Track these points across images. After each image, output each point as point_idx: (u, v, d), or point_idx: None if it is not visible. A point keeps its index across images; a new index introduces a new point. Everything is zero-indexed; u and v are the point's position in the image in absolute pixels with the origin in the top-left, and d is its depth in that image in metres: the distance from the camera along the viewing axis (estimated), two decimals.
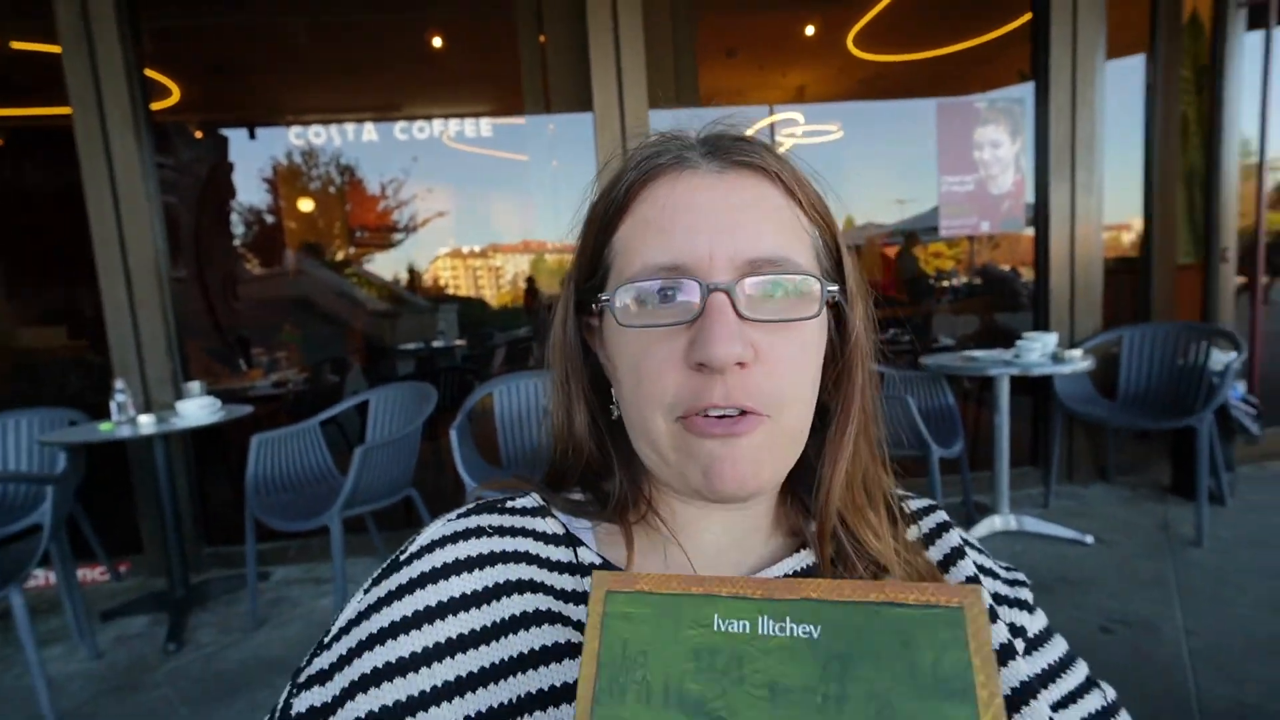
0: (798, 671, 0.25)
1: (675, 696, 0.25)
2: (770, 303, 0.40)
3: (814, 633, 0.25)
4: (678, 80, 3.24)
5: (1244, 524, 2.74)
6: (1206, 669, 1.85)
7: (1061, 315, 3.22)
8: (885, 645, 0.25)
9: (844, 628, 0.25)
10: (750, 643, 0.26)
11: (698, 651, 0.26)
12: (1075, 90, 3.10)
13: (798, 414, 0.42)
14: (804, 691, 0.25)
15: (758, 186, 0.42)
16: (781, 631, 0.26)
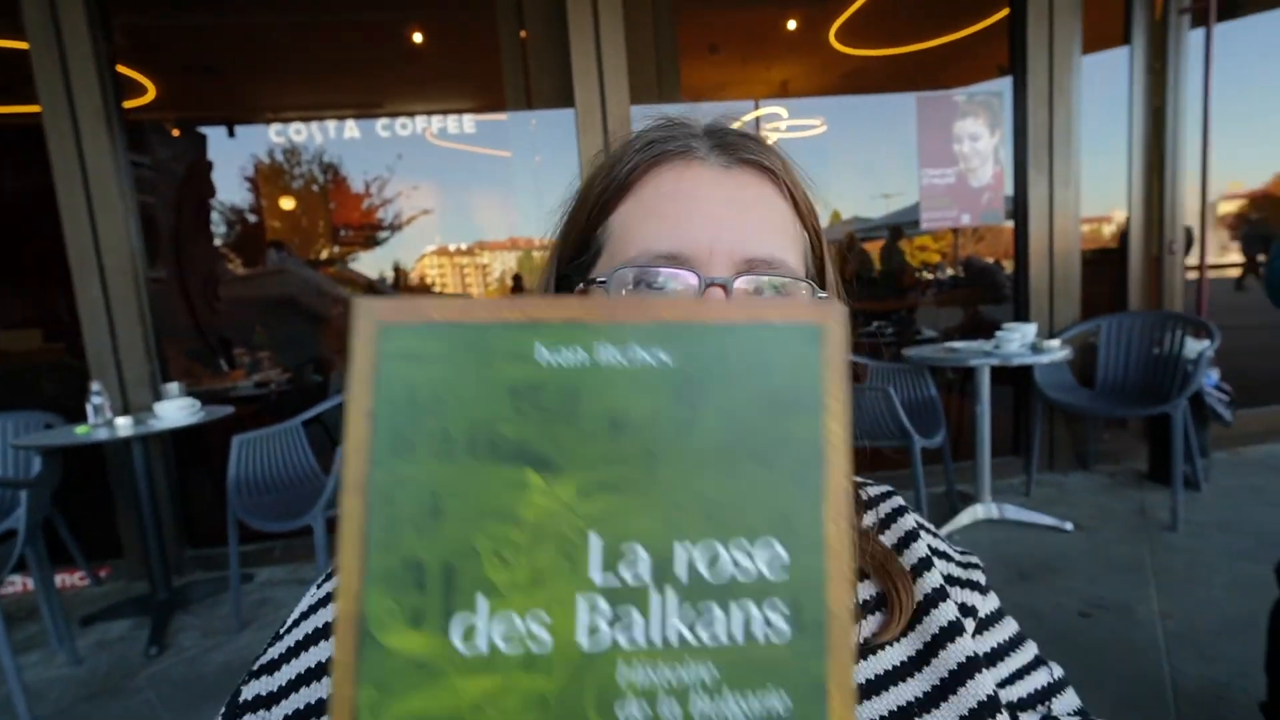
0: (644, 401, 0.22)
1: (485, 444, 0.21)
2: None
3: (666, 358, 0.22)
4: (660, 76, 3.24)
5: (1217, 508, 2.80)
6: (1180, 649, 1.89)
7: (1041, 306, 3.27)
8: (741, 365, 0.23)
9: (699, 351, 0.23)
10: (586, 374, 0.22)
11: (517, 390, 0.22)
12: (1052, 83, 3.14)
13: None
14: (650, 421, 0.22)
15: (761, 186, 0.43)
16: (627, 359, 0.22)
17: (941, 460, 2.96)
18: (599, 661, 0.21)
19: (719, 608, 0.22)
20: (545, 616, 0.21)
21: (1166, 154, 3.31)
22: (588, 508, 0.22)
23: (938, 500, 3.02)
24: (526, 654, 0.21)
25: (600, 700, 0.21)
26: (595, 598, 0.21)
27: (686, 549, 0.22)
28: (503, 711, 0.21)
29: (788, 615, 0.22)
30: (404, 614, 0.20)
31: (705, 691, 0.22)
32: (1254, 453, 3.48)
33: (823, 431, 0.23)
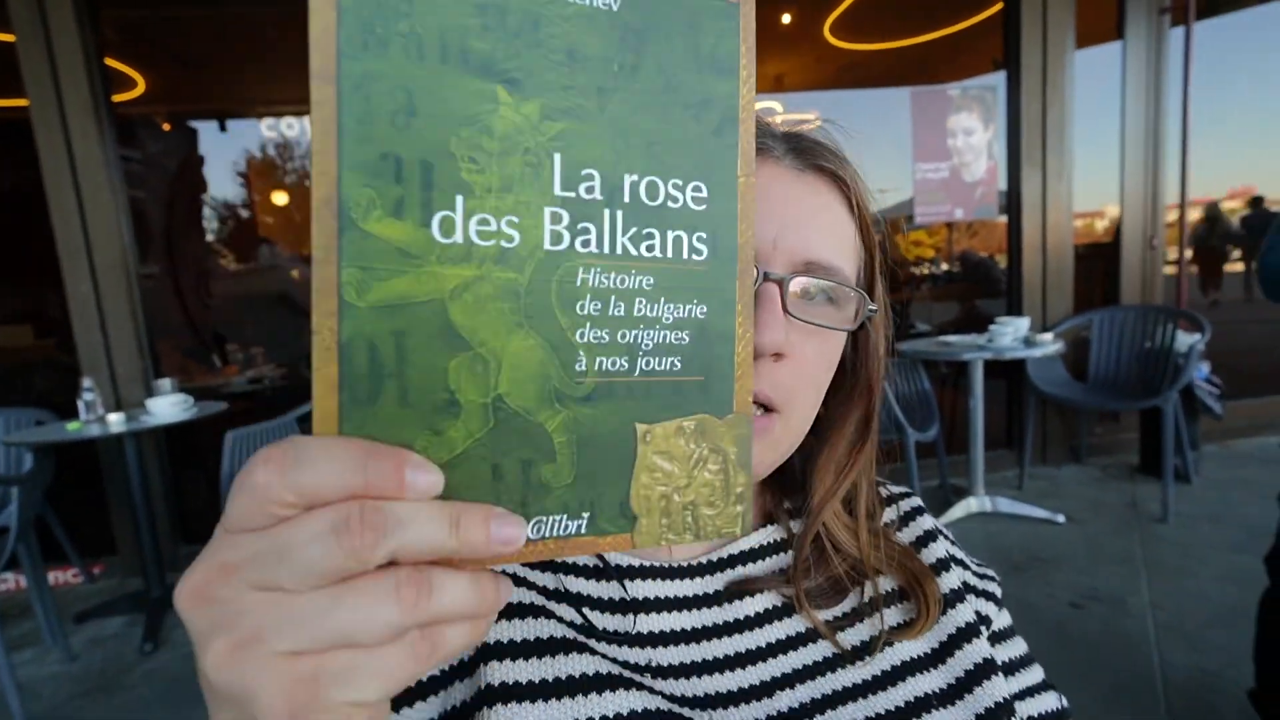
0: (596, 40, 0.25)
1: (456, 54, 0.23)
2: (814, 306, 0.42)
3: (613, 4, 0.26)
4: None
5: (1207, 500, 2.83)
6: (1170, 639, 1.91)
7: (1034, 300, 3.28)
8: (676, 26, 0.27)
9: (641, 4, 0.26)
10: (546, 5, 0.25)
11: (484, 6, 0.24)
12: (1046, 78, 3.15)
13: (804, 415, 0.43)
14: (601, 59, 0.25)
15: (831, 195, 0.44)
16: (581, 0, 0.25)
17: (935, 454, 2.97)
18: (562, 262, 0.25)
19: (657, 230, 0.27)
20: (515, 218, 0.24)
21: (1147, 151, 3.33)
22: (550, 128, 0.25)
23: (931, 493, 3.04)
24: (499, 248, 0.24)
25: (562, 296, 0.25)
26: (558, 209, 0.25)
27: (633, 179, 0.26)
28: (478, 297, 0.24)
29: (707, 242, 0.27)
30: (384, 203, 0.22)
31: (645, 297, 0.27)
32: (1244, 445, 3.51)
33: (739, 96, 0.28)
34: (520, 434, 0.25)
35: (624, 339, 0.26)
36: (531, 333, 0.25)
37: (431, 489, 0.21)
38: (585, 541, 0.26)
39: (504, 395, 0.24)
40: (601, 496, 0.26)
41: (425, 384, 0.23)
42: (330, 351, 0.22)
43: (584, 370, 0.26)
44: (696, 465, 0.28)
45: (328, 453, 0.20)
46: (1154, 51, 3.29)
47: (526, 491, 0.25)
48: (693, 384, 0.27)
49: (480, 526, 0.22)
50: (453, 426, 0.23)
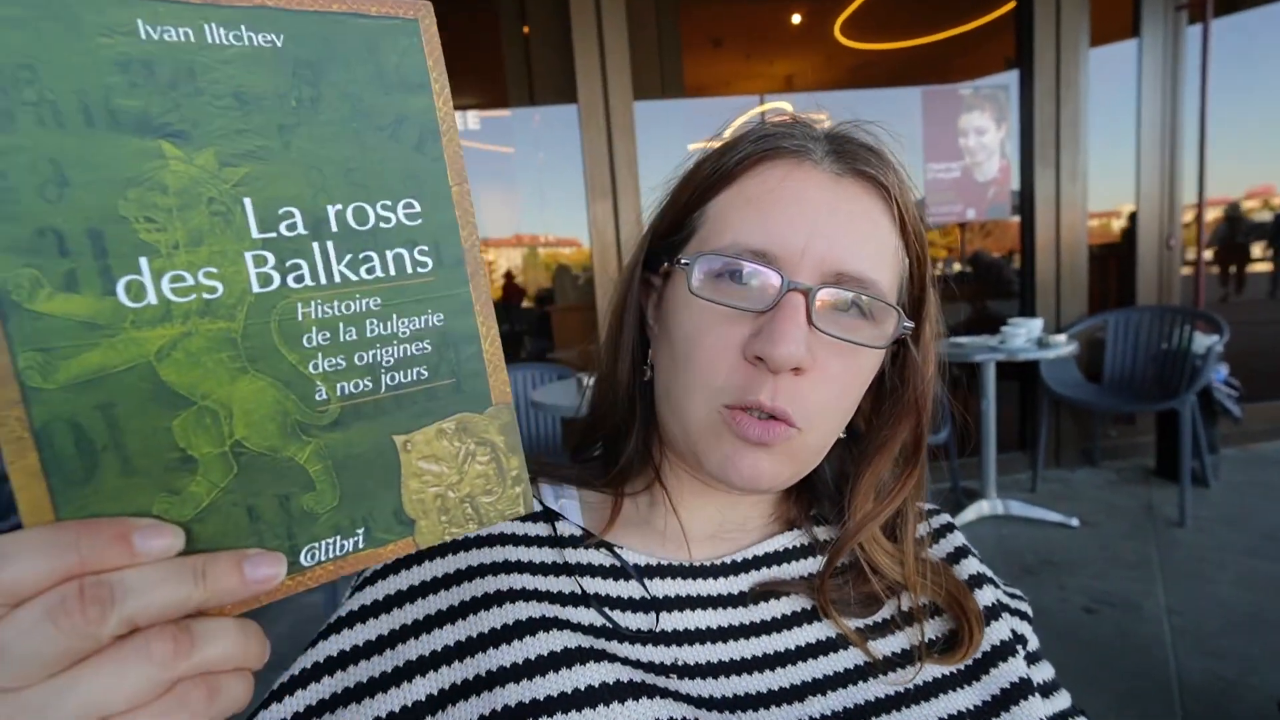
0: (265, 79, 0.25)
1: (103, 116, 0.22)
2: (843, 319, 0.40)
3: (277, 40, 0.25)
4: (663, 71, 3.23)
5: (1225, 504, 2.78)
6: (1186, 645, 1.88)
7: (1047, 300, 3.25)
8: (353, 51, 0.26)
9: (308, 36, 0.26)
10: (200, 53, 0.24)
11: (125, 63, 0.22)
12: (1059, 76, 3.11)
13: (827, 432, 0.42)
14: (275, 97, 0.25)
15: (870, 201, 0.41)
16: (238, 40, 0.24)
17: (947, 456, 2.95)
18: (277, 301, 0.25)
19: (374, 252, 0.27)
20: (213, 269, 0.24)
21: (1164, 150, 3.28)
22: (231, 174, 0.24)
23: (943, 496, 3.01)
24: (201, 301, 0.24)
25: (285, 333, 0.25)
26: (261, 251, 0.25)
27: (337, 208, 0.26)
28: (189, 353, 0.24)
29: (429, 254, 0.28)
30: (52, 280, 0.22)
31: (375, 317, 0.27)
32: (1264, 449, 3.45)
33: (435, 109, 0.28)
34: (270, 472, 0.25)
35: (362, 360, 0.27)
36: (259, 375, 0.25)
37: (167, 549, 0.21)
38: (365, 555, 0.27)
39: (242, 440, 0.25)
40: (373, 510, 0.27)
41: (149, 448, 0.23)
42: (23, 441, 0.21)
43: (325, 399, 0.26)
44: (466, 460, 0.28)
45: (27, 544, 0.20)
46: (1170, 49, 3.24)
47: (290, 524, 0.25)
48: (445, 387, 0.28)
49: (231, 572, 0.22)
50: (192, 482, 0.24)
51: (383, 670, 0.37)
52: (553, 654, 0.36)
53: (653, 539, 0.45)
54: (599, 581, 0.41)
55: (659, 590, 0.42)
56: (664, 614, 0.41)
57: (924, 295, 0.44)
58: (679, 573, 0.43)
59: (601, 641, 0.38)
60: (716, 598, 0.42)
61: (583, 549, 0.43)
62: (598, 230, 2.94)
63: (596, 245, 2.95)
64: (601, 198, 2.91)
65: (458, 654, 0.37)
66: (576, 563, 0.42)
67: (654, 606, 0.41)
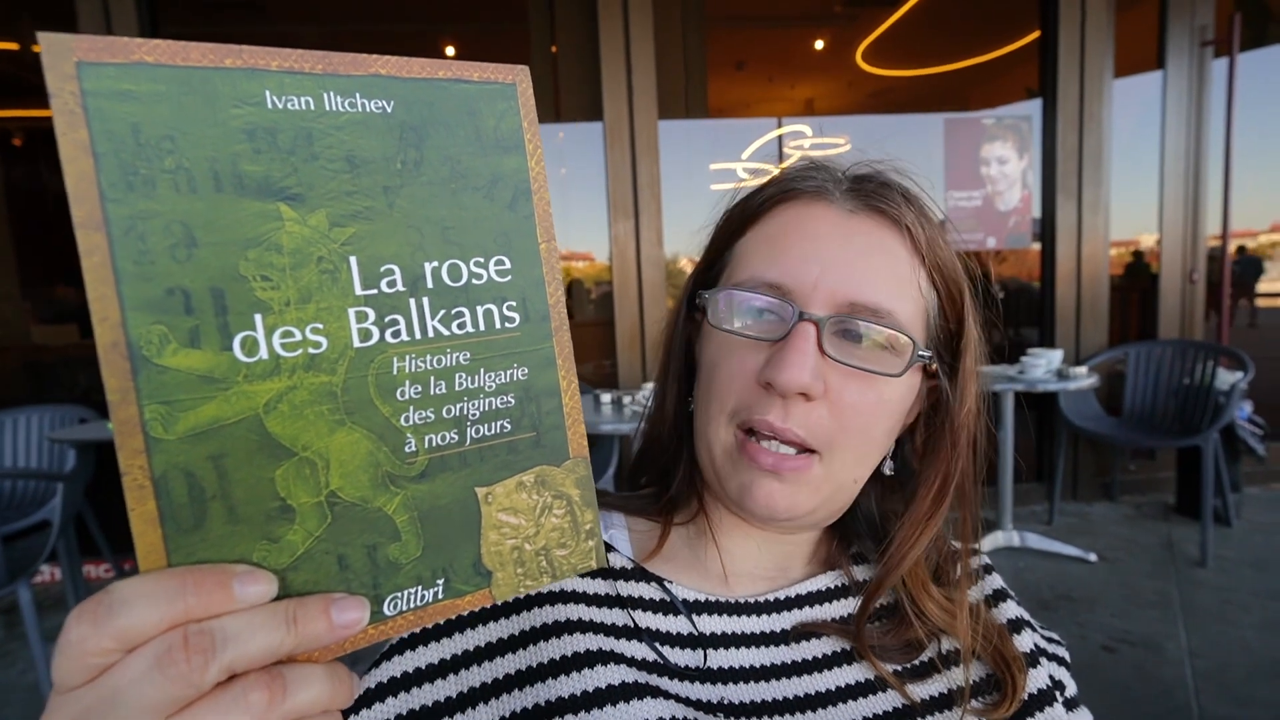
0: (374, 143, 0.26)
1: (230, 181, 0.24)
2: (856, 348, 0.40)
3: (387, 107, 0.26)
4: (688, 92, 3.28)
5: (1249, 545, 2.72)
6: (1210, 689, 1.83)
7: (1067, 332, 3.22)
8: (454, 115, 0.28)
9: (415, 102, 0.27)
10: (318, 119, 0.25)
11: (251, 131, 0.24)
12: (1083, 107, 3.12)
13: (851, 462, 0.42)
14: (382, 160, 0.26)
15: (885, 235, 0.42)
16: (352, 107, 0.26)
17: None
18: (375, 355, 0.26)
19: (465, 308, 0.28)
20: (319, 325, 0.25)
21: (1187, 183, 3.27)
22: (340, 234, 0.26)
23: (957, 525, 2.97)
24: (307, 356, 0.25)
25: (381, 387, 0.26)
26: (363, 308, 0.26)
27: (433, 265, 0.27)
28: (294, 405, 0.25)
29: (517, 309, 0.29)
30: (178, 336, 0.23)
31: (464, 371, 0.28)
32: None
33: (528, 169, 0.29)
34: (360, 522, 0.26)
35: (450, 414, 0.27)
36: (355, 427, 0.26)
37: (262, 595, 0.22)
38: (444, 606, 0.27)
39: (337, 490, 0.25)
40: (453, 562, 0.27)
41: (253, 498, 0.24)
42: (144, 489, 0.22)
43: (414, 451, 0.27)
44: (543, 513, 0.29)
45: (141, 590, 0.21)
46: (1195, 82, 3.24)
47: (376, 573, 0.26)
48: (526, 440, 0.29)
49: (319, 617, 0.23)
50: (290, 531, 0.24)
51: (448, 695, 0.37)
52: (610, 688, 0.37)
53: (698, 573, 0.45)
54: (649, 615, 0.42)
55: (705, 626, 0.42)
56: (711, 651, 0.41)
57: (961, 329, 0.44)
58: (724, 609, 0.43)
59: (654, 677, 0.39)
60: (759, 635, 0.43)
61: (633, 582, 0.43)
62: (619, 248, 2.96)
63: (617, 262, 2.97)
64: (624, 216, 2.93)
65: (518, 682, 0.38)
66: (628, 595, 0.42)
67: (701, 643, 0.41)
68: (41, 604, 2.66)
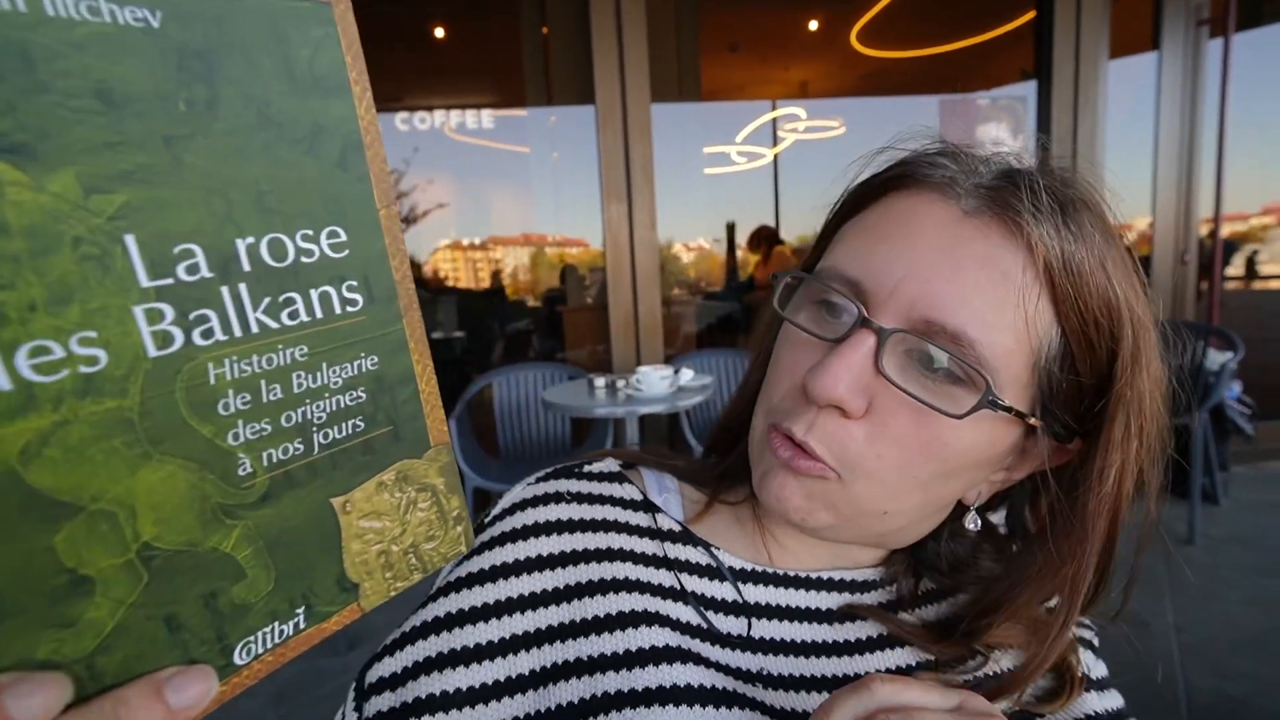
0: (139, 72, 0.19)
1: None
2: (922, 375, 0.35)
3: (151, 20, 0.19)
4: (680, 74, 3.24)
5: (1236, 523, 2.76)
6: (1195, 664, 1.87)
7: None
8: (254, 39, 0.21)
9: (194, 16, 0.20)
10: (36, 30, 0.17)
11: None
12: (1078, 88, 3.11)
13: (880, 494, 0.36)
14: (156, 98, 0.19)
15: (1002, 250, 0.34)
16: (94, 14, 0.18)
17: None
18: (180, 365, 0.20)
19: (296, 292, 0.22)
20: (91, 333, 0.18)
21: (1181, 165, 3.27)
22: (104, 204, 0.18)
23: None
24: (77, 377, 0.18)
25: (195, 403, 0.20)
26: (154, 305, 0.19)
27: (249, 242, 0.21)
28: (69, 446, 0.18)
29: (359, 289, 0.24)
30: None
31: (302, 369, 0.23)
32: (1275, 468, 3.42)
33: (356, 118, 0.24)
34: (190, 572, 0.21)
35: (290, 421, 0.23)
36: (166, 459, 0.20)
37: (47, 711, 0.17)
38: (308, 635, 0.24)
39: (151, 541, 0.20)
40: (313, 585, 0.24)
41: (25, 578, 0.17)
42: None
43: (250, 473, 0.22)
44: (408, 510, 0.26)
45: None
46: (1190, 63, 3.22)
47: (220, 623, 0.21)
48: (382, 436, 0.25)
49: (150, 707, 0.19)
50: (89, 606, 0.19)
51: (489, 639, 0.37)
52: (654, 649, 0.36)
53: (745, 544, 0.45)
54: (695, 579, 0.41)
55: (751, 596, 0.42)
56: (755, 620, 0.41)
57: (1107, 386, 0.36)
58: (771, 580, 0.42)
59: (696, 642, 0.38)
60: (803, 610, 0.42)
61: (681, 544, 0.43)
62: (612, 232, 2.95)
63: (610, 247, 2.96)
64: (617, 199, 2.92)
65: (561, 635, 0.37)
66: (675, 558, 0.42)
67: (746, 611, 0.41)
68: None
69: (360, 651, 0.36)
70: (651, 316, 2.97)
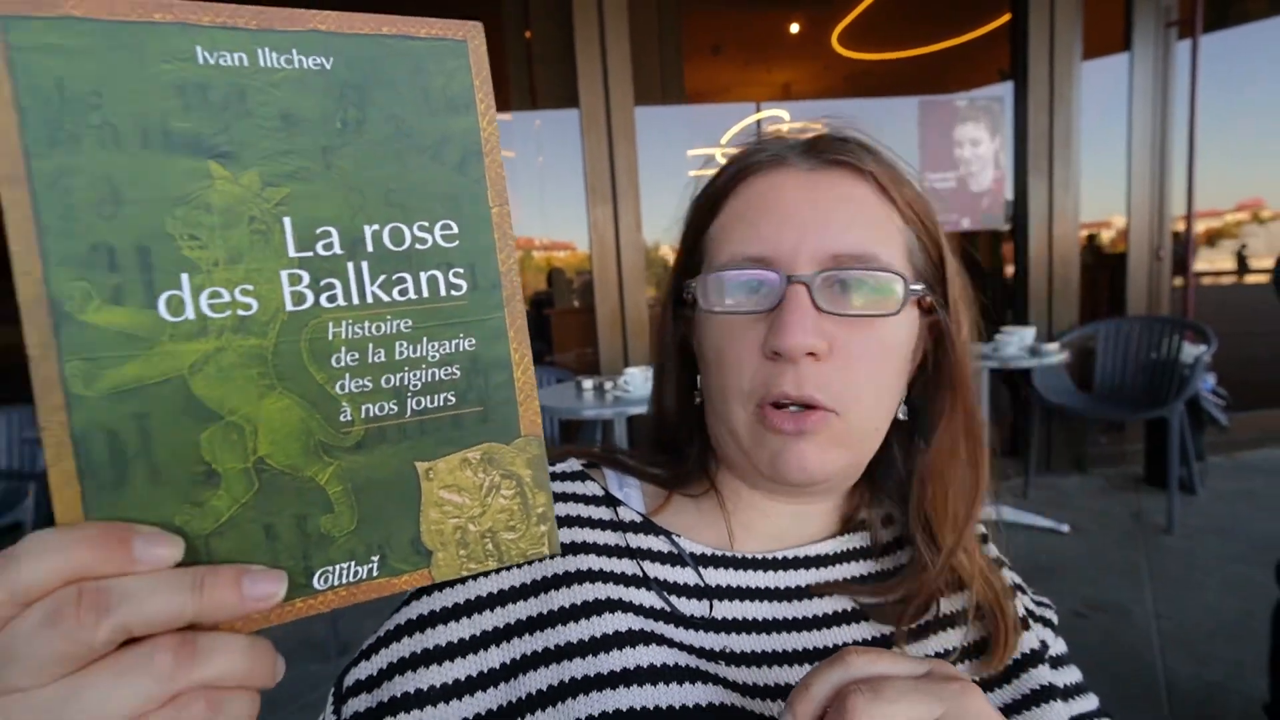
0: (312, 101, 0.25)
1: (159, 137, 0.23)
2: (850, 298, 0.41)
3: (325, 64, 0.25)
4: (664, 77, 3.26)
5: (1213, 512, 2.82)
6: (1174, 650, 1.91)
7: (1039, 309, 3.29)
8: (399, 74, 0.27)
9: (357, 59, 0.26)
10: (252, 76, 0.24)
11: (182, 88, 0.23)
12: (1053, 88, 3.17)
13: (869, 412, 0.42)
14: (320, 119, 0.25)
15: (850, 184, 0.43)
16: (288, 64, 0.25)
17: None
18: (308, 320, 0.25)
19: (408, 273, 0.27)
20: (249, 286, 0.24)
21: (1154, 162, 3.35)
22: (273, 194, 0.25)
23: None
24: (236, 318, 0.24)
25: (314, 353, 0.25)
26: (296, 270, 0.25)
27: (374, 229, 0.26)
28: (221, 368, 0.24)
29: (464, 276, 0.28)
30: (101, 293, 0.23)
31: (405, 339, 0.27)
32: (1250, 457, 3.50)
33: (479, 129, 0.28)
34: (290, 492, 0.25)
35: (389, 384, 0.26)
36: (286, 393, 0.25)
37: (165, 559, 0.21)
38: (379, 584, 0.26)
39: (265, 457, 0.25)
40: (390, 538, 0.26)
41: (176, 460, 0.23)
42: (63, 446, 0.22)
43: (350, 420, 0.26)
44: (489, 493, 0.28)
45: (42, 545, 0.20)
46: (1161, 63, 3.30)
47: (306, 545, 0.25)
48: (472, 415, 0.28)
49: (229, 586, 0.22)
50: (215, 496, 0.24)
51: (461, 637, 0.39)
52: (617, 633, 0.38)
53: (706, 531, 0.46)
54: (658, 566, 0.43)
55: (712, 579, 0.43)
56: (716, 602, 0.42)
57: (942, 258, 0.45)
58: (731, 563, 0.44)
59: (659, 625, 0.40)
60: (766, 590, 0.44)
61: (642, 535, 0.44)
62: (598, 234, 2.96)
63: (596, 249, 2.97)
64: (602, 202, 2.93)
65: (529, 627, 0.39)
66: (637, 547, 0.44)
67: (707, 594, 0.43)
68: None
69: (350, 657, 0.37)
70: (638, 318, 2.98)
